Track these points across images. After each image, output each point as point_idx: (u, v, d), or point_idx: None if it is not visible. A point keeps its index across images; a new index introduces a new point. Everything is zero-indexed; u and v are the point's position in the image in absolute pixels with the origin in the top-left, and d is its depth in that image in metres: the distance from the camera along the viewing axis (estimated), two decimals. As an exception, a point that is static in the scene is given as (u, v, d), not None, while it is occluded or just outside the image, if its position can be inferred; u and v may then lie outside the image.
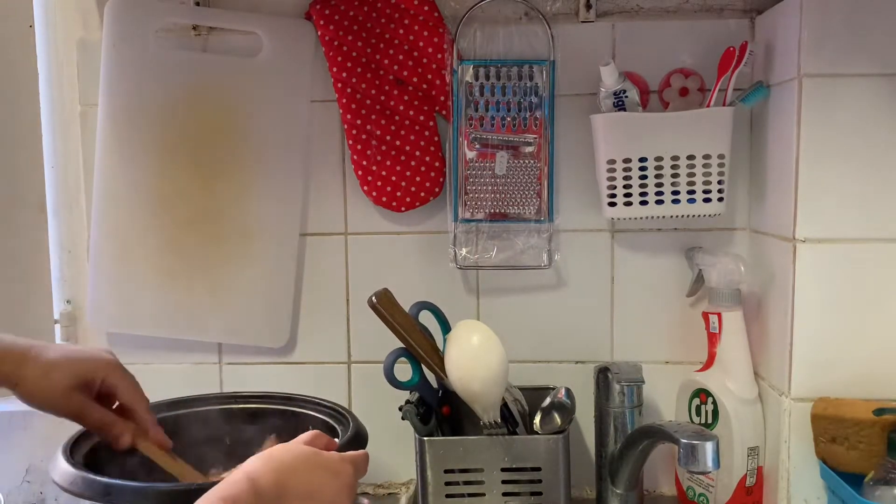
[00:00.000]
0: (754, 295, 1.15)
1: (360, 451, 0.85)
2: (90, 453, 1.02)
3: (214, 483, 0.74)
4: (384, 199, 1.21)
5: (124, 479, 0.93)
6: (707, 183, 1.12)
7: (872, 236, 1.00)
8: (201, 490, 0.87)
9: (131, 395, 0.94)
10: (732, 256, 1.14)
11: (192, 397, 1.18)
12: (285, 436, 1.11)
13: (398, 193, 1.21)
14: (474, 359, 1.03)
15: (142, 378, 1.27)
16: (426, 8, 1.18)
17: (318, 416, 1.12)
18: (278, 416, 1.15)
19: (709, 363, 1.14)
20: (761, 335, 1.12)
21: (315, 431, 0.85)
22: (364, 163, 1.21)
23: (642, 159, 1.11)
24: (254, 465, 0.75)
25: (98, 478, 0.92)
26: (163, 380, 1.26)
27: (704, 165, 1.11)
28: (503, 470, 1.05)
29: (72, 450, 1.00)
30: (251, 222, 1.23)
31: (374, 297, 1.04)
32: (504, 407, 1.06)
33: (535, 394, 1.13)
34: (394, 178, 1.20)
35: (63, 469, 0.94)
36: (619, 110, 1.13)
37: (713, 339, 1.13)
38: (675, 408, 1.18)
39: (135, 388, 0.95)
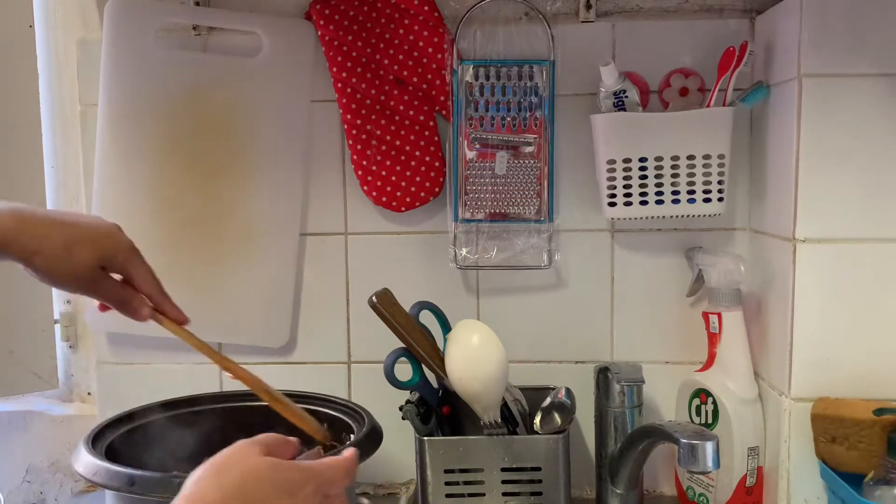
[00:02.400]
0: (754, 295, 1.15)
1: (333, 459, 0.76)
2: (110, 446, 1.03)
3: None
4: (384, 199, 1.21)
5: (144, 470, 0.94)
6: (707, 183, 1.12)
7: (872, 236, 1.00)
8: None
9: (147, 279, 0.91)
10: (732, 256, 1.14)
11: (204, 395, 1.19)
12: (303, 433, 1.13)
13: (398, 193, 1.21)
14: (474, 359, 1.03)
15: (142, 378, 1.28)
16: (426, 8, 1.18)
17: (332, 414, 1.12)
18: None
19: (709, 363, 1.14)
20: (761, 335, 1.12)
21: (278, 437, 0.77)
22: (364, 163, 1.21)
23: (642, 159, 1.11)
24: (203, 489, 0.69)
25: (123, 468, 0.93)
26: (163, 380, 1.26)
27: (704, 165, 1.11)
28: (503, 470, 1.05)
29: (93, 442, 1.01)
30: (251, 222, 1.23)
31: (374, 297, 1.04)
32: (504, 407, 1.06)
33: (535, 394, 1.13)
34: (394, 178, 1.20)
35: (87, 460, 0.96)
36: (619, 110, 1.13)
37: (713, 339, 1.13)
38: (675, 408, 1.18)
39: (149, 272, 0.92)
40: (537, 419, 1.07)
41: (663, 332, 1.22)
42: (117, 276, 0.90)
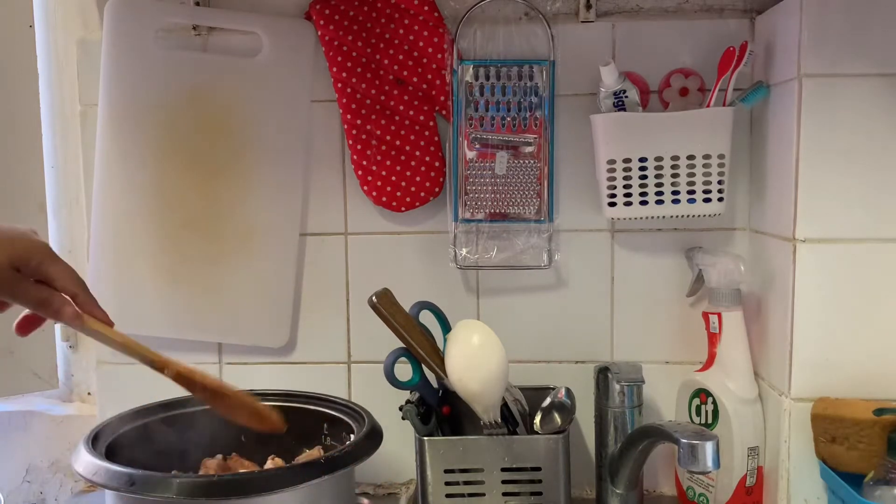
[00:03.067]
0: (754, 295, 1.15)
1: None
2: (110, 446, 1.04)
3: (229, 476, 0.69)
4: (384, 199, 1.21)
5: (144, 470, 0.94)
6: (707, 183, 1.12)
7: (872, 236, 1.00)
8: (222, 482, 0.89)
9: (68, 278, 0.87)
10: (732, 256, 1.14)
11: None
12: (303, 433, 1.14)
13: (398, 193, 1.21)
14: (474, 359, 1.03)
15: (142, 378, 1.27)
16: (426, 8, 1.18)
17: (332, 414, 1.13)
18: (295, 414, 1.15)
19: (709, 363, 1.14)
20: (761, 335, 1.12)
21: None
22: (364, 163, 1.21)
23: (642, 159, 1.12)
24: None
25: (122, 468, 0.93)
26: (163, 380, 1.25)
27: (704, 165, 1.11)
28: (503, 470, 1.05)
29: (93, 442, 1.02)
30: (251, 222, 1.23)
31: (374, 297, 1.04)
32: (504, 407, 1.06)
33: (535, 394, 1.13)
34: (394, 178, 1.21)
35: (87, 460, 0.96)
36: (619, 110, 1.13)
37: (713, 339, 1.13)
38: (675, 408, 1.18)
39: (70, 272, 0.87)
40: (537, 419, 1.07)
41: (663, 332, 1.22)
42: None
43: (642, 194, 1.12)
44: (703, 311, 1.15)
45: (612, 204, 1.14)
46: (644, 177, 1.12)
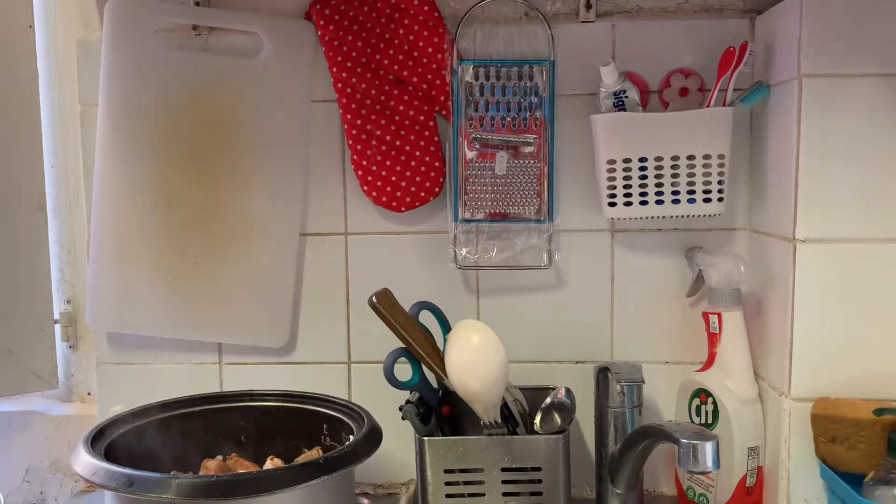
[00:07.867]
0: (754, 295, 1.15)
1: None
2: (110, 446, 1.04)
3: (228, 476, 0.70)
4: (384, 199, 1.21)
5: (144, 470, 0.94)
6: (707, 183, 1.12)
7: (872, 236, 1.00)
8: (221, 482, 0.88)
9: None
10: (732, 256, 1.14)
11: (204, 395, 1.19)
12: (302, 434, 1.14)
13: (398, 193, 1.21)
14: (474, 359, 1.03)
15: (142, 378, 1.28)
16: (426, 8, 1.18)
17: (332, 414, 1.13)
18: (294, 414, 1.16)
19: (709, 363, 1.14)
20: (761, 335, 1.12)
21: None
22: (364, 163, 1.21)
23: (642, 159, 1.12)
24: None
25: (121, 469, 0.93)
26: (163, 380, 1.26)
27: (704, 165, 1.11)
28: (503, 470, 1.05)
29: (92, 442, 1.02)
30: (251, 222, 1.23)
31: (374, 297, 1.04)
32: (504, 407, 1.06)
33: (535, 394, 1.13)
34: (394, 178, 1.21)
35: (86, 460, 0.96)
36: (619, 110, 1.13)
37: (713, 339, 1.13)
38: (675, 408, 1.18)
39: None
40: (537, 419, 1.07)
41: (663, 332, 1.22)
42: None
43: (642, 194, 1.13)
44: (703, 311, 1.15)
45: (612, 204, 1.14)
46: (644, 177, 1.12)
